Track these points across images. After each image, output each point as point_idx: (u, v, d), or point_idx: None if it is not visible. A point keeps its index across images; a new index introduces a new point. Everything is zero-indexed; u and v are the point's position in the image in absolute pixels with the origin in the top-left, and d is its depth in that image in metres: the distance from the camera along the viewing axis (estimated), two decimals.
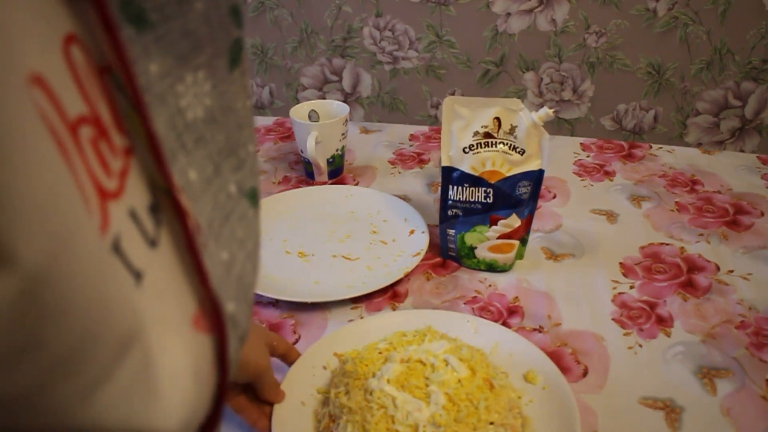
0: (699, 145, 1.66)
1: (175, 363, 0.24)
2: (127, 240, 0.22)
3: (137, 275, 0.22)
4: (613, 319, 0.65)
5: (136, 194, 0.23)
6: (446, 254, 0.75)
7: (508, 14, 1.56)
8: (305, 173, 0.95)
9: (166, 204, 0.26)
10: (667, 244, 0.78)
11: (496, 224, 0.69)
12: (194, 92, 0.23)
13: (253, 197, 0.28)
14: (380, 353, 0.55)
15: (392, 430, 0.47)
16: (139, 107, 0.21)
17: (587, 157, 1.00)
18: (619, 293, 0.69)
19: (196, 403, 0.26)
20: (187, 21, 0.22)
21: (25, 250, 0.18)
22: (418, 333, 0.59)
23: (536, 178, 0.67)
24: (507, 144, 0.67)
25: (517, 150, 0.67)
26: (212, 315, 0.27)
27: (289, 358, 0.56)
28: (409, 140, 1.06)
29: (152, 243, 0.23)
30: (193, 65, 0.23)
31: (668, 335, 0.63)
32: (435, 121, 1.75)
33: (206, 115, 0.24)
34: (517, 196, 0.67)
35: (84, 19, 0.21)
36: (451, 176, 0.69)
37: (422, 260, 0.73)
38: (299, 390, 0.55)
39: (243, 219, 0.27)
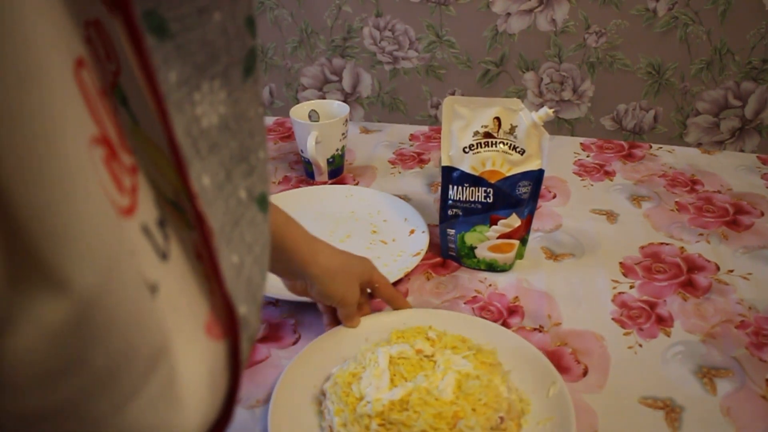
0: (699, 145, 1.66)
1: (193, 371, 0.25)
2: (142, 255, 0.22)
3: (152, 289, 0.23)
4: (613, 319, 0.65)
5: (146, 210, 0.23)
6: (446, 254, 0.75)
7: (508, 14, 1.56)
8: (305, 173, 0.95)
9: (174, 216, 0.26)
10: (667, 244, 0.78)
11: (496, 224, 0.69)
12: (210, 100, 0.23)
13: (263, 202, 0.29)
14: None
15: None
16: (162, 115, 0.22)
17: (587, 157, 1.00)
18: (619, 293, 0.69)
19: (210, 406, 0.27)
20: (206, 31, 0.22)
21: (78, 276, 0.18)
22: (416, 330, 0.59)
23: (536, 178, 0.67)
24: (507, 144, 0.67)
25: (517, 150, 0.67)
26: (226, 318, 0.27)
27: (393, 303, 0.64)
28: (409, 140, 1.06)
29: (163, 256, 0.24)
30: (210, 74, 0.23)
31: (668, 335, 0.63)
32: (435, 121, 1.75)
33: (220, 122, 0.24)
34: (517, 196, 0.67)
35: (90, 40, 0.22)
36: (451, 176, 0.69)
37: (422, 260, 0.73)
38: (298, 389, 0.55)
39: (252, 223, 0.28)
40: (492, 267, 0.72)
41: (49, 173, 0.17)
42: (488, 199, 0.68)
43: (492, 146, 0.67)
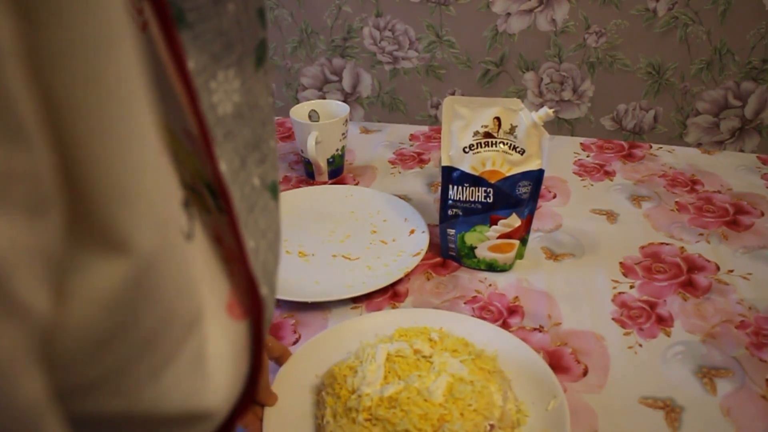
0: (699, 145, 1.66)
1: (218, 347, 0.26)
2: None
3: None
4: (613, 319, 0.65)
5: (173, 189, 0.24)
6: (446, 254, 0.75)
7: (508, 14, 1.56)
8: (305, 173, 0.95)
9: (193, 199, 0.27)
10: (667, 244, 0.78)
11: (496, 224, 0.69)
12: (225, 89, 0.24)
13: (274, 190, 0.29)
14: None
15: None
16: (191, 97, 0.22)
17: (587, 157, 1.00)
18: (619, 293, 0.69)
19: (233, 385, 0.27)
20: (221, 21, 0.23)
21: (139, 238, 0.19)
22: (419, 331, 0.59)
23: (536, 177, 0.67)
24: (507, 144, 0.67)
25: (517, 150, 0.67)
26: (249, 298, 0.28)
27: (282, 360, 0.57)
28: (409, 140, 1.06)
29: (188, 236, 0.25)
30: (225, 63, 0.24)
31: (668, 335, 0.63)
32: (435, 121, 1.75)
33: (235, 110, 0.25)
34: (517, 196, 0.67)
35: None
36: (451, 176, 0.69)
37: (422, 260, 0.73)
38: (292, 390, 0.55)
39: (265, 210, 0.28)
40: (492, 267, 0.72)
41: (121, 131, 0.17)
42: (488, 199, 0.68)
43: (492, 146, 0.67)
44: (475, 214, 0.69)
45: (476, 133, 0.67)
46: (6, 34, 0.14)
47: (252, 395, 0.29)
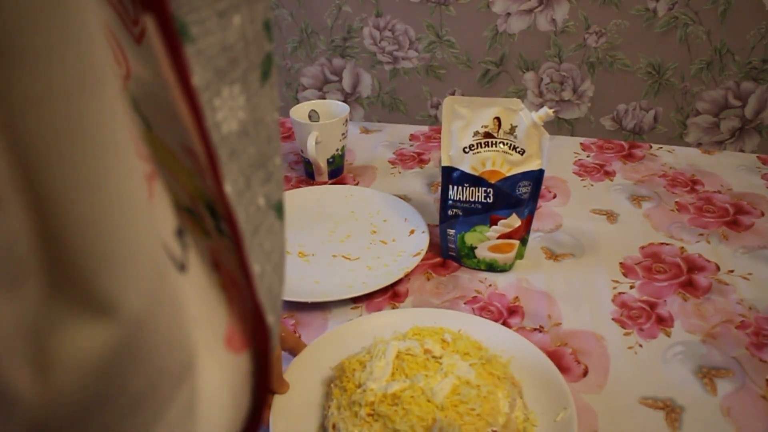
0: (699, 145, 1.66)
1: (212, 383, 0.24)
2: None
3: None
4: (613, 319, 0.65)
5: (164, 220, 0.23)
6: (446, 254, 0.75)
7: (508, 14, 1.56)
8: (305, 173, 0.95)
9: (190, 224, 0.26)
10: (667, 244, 0.78)
11: (496, 224, 0.69)
12: (229, 106, 0.23)
13: (279, 209, 0.28)
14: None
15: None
16: (196, 114, 0.21)
17: (587, 157, 1.00)
18: (619, 293, 0.69)
19: (235, 415, 0.26)
20: (226, 36, 0.22)
21: (127, 299, 0.17)
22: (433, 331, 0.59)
23: (536, 178, 0.67)
24: (507, 144, 0.67)
25: (517, 150, 0.67)
26: (256, 326, 0.27)
27: (296, 351, 0.57)
28: (409, 140, 1.06)
29: (181, 267, 0.23)
30: (230, 79, 0.23)
31: (668, 335, 0.63)
32: (435, 121, 1.75)
33: (240, 128, 0.24)
34: (517, 196, 0.67)
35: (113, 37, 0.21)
36: (451, 176, 0.69)
37: (422, 260, 0.73)
38: (304, 380, 0.55)
39: (270, 231, 0.27)
40: (492, 267, 0.72)
41: (104, 186, 0.16)
42: (488, 199, 0.68)
43: (492, 146, 0.67)
44: (475, 214, 0.69)
45: (476, 133, 0.67)
46: None
47: (257, 424, 0.28)
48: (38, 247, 0.15)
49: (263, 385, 0.28)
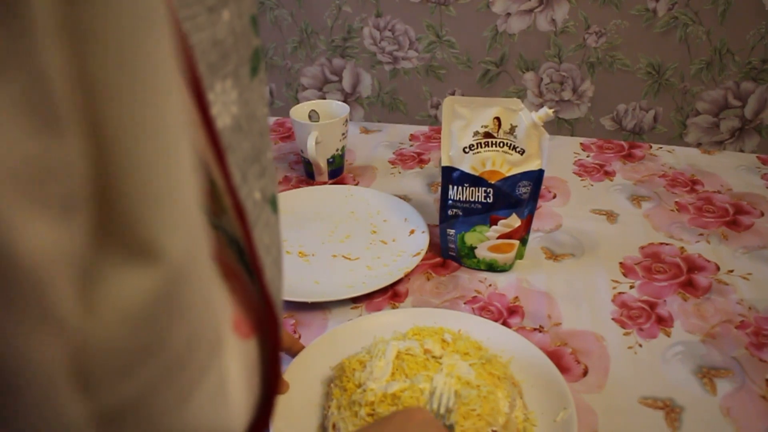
0: (699, 145, 1.66)
1: (233, 367, 0.25)
2: None
3: None
4: (613, 319, 0.65)
5: None
6: (446, 254, 0.75)
7: (508, 14, 1.56)
8: (305, 173, 0.95)
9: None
10: (667, 244, 0.78)
11: (496, 224, 0.69)
12: (222, 101, 0.23)
13: (274, 203, 0.28)
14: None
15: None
16: (201, 103, 0.21)
17: (587, 157, 1.00)
18: (619, 293, 0.69)
19: (250, 403, 0.27)
20: (216, 31, 0.22)
21: (171, 243, 0.17)
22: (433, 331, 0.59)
23: (536, 178, 0.67)
24: (507, 144, 0.67)
25: (517, 150, 0.67)
26: (264, 314, 0.27)
27: (293, 351, 0.57)
28: (409, 140, 1.06)
29: None
30: (222, 74, 0.23)
31: (668, 335, 0.63)
32: (435, 121, 1.75)
33: (233, 123, 0.24)
34: (517, 196, 0.67)
35: None
36: (451, 176, 0.69)
37: (422, 260, 0.73)
38: (304, 380, 0.56)
39: (268, 225, 0.27)
40: (492, 267, 0.72)
41: (156, 123, 0.16)
42: (488, 199, 0.68)
43: (492, 146, 0.67)
44: (475, 214, 0.69)
45: (476, 133, 0.67)
46: (44, 6, 0.13)
47: (266, 419, 0.28)
48: (92, 178, 0.15)
49: (273, 375, 0.28)
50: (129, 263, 0.17)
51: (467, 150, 0.67)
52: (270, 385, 0.28)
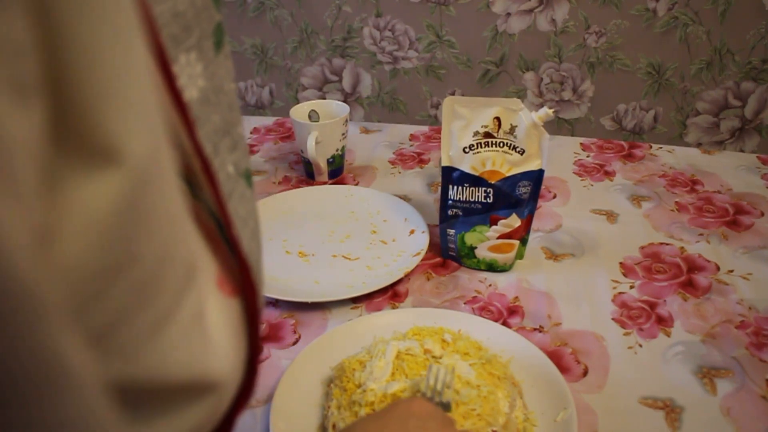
0: (699, 145, 1.66)
1: (215, 316, 0.25)
2: None
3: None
4: (613, 319, 0.65)
5: None
6: (446, 254, 0.75)
7: (508, 14, 1.56)
8: (305, 173, 0.95)
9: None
10: (667, 244, 0.78)
11: (496, 224, 0.69)
12: (188, 73, 0.23)
13: (248, 177, 0.29)
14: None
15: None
16: (167, 72, 0.21)
17: (587, 157, 1.00)
18: (619, 293, 0.69)
19: (237, 358, 0.27)
20: (176, 3, 0.22)
21: (133, 144, 0.17)
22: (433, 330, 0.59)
23: (536, 178, 0.67)
24: (507, 144, 0.67)
25: (517, 150, 0.67)
26: (242, 277, 0.27)
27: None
28: (409, 140, 1.06)
29: None
30: (185, 47, 0.23)
31: (668, 335, 0.63)
32: (435, 121, 1.75)
33: (201, 95, 0.24)
34: (517, 196, 0.67)
35: None
36: (451, 176, 0.69)
37: (422, 260, 0.73)
38: (304, 380, 0.56)
39: (243, 198, 0.28)
40: (492, 267, 0.72)
41: (106, 13, 0.16)
42: (488, 199, 0.68)
43: (492, 146, 0.67)
44: (475, 214, 0.69)
45: (476, 133, 0.67)
46: None
47: (254, 381, 0.29)
48: (43, 61, 0.15)
49: (255, 337, 0.28)
50: (91, 166, 0.16)
51: (467, 150, 0.67)
52: (253, 350, 0.28)
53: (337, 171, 0.94)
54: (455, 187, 0.69)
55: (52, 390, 0.16)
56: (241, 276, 0.27)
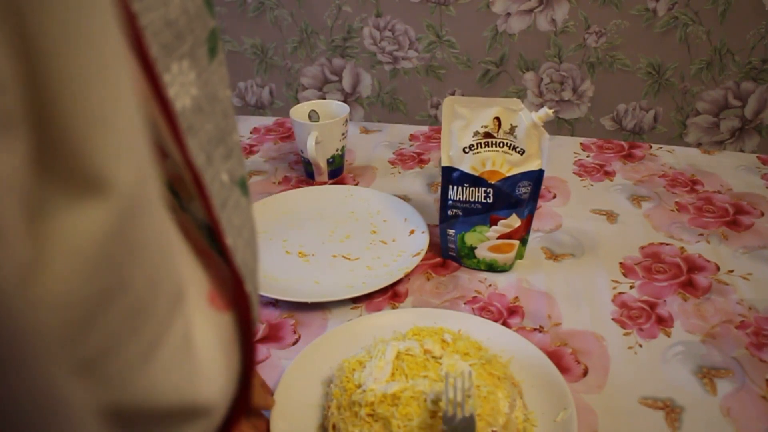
0: (699, 145, 1.66)
1: (204, 335, 0.24)
2: None
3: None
4: (613, 319, 0.65)
5: None
6: (446, 254, 0.75)
7: (508, 14, 1.56)
8: (305, 173, 0.95)
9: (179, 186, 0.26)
10: (667, 244, 0.78)
11: (496, 224, 0.69)
12: (180, 81, 0.23)
13: (244, 186, 0.28)
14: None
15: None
16: (155, 85, 0.21)
17: (587, 157, 1.00)
18: (619, 293, 0.69)
19: (227, 378, 0.26)
20: (168, 11, 0.22)
21: (121, 173, 0.16)
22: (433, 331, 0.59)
23: (536, 178, 0.67)
24: (507, 144, 0.67)
25: (517, 150, 0.67)
26: (234, 290, 0.27)
27: (267, 406, 0.51)
28: (409, 140, 1.06)
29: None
30: (178, 55, 0.23)
31: (668, 335, 0.63)
32: (435, 121, 1.75)
33: (194, 104, 0.24)
34: (517, 196, 0.67)
35: None
36: (451, 176, 0.69)
37: (422, 260, 0.73)
38: (305, 380, 0.56)
39: (237, 207, 0.27)
40: (492, 267, 0.72)
41: (95, 44, 0.15)
42: (488, 199, 0.68)
43: (492, 146, 0.67)
44: (475, 215, 0.69)
45: (476, 133, 0.67)
46: None
47: (247, 395, 0.28)
48: (26, 94, 0.14)
49: (250, 351, 0.28)
50: (78, 196, 0.16)
51: (467, 150, 0.67)
52: (247, 362, 0.28)
53: (337, 171, 0.94)
54: (455, 187, 0.69)
55: (47, 419, 0.16)
56: (234, 287, 0.27)
